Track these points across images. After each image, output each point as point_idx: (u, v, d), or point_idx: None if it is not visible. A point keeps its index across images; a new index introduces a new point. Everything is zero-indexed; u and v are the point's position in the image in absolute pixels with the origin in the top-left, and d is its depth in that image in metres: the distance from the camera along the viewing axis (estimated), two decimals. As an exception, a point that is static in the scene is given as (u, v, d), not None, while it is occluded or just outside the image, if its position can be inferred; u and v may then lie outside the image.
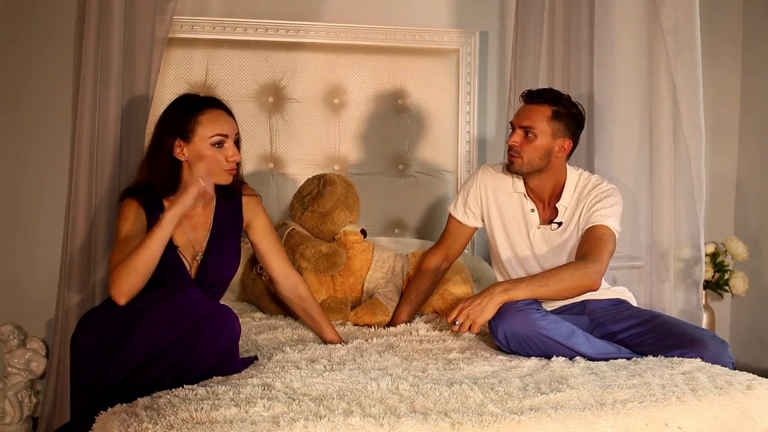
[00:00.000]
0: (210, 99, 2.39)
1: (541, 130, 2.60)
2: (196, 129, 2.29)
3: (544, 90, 2.67)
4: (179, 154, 2.31)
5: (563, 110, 2.62)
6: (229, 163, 2.32)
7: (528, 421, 1.81)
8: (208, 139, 2.29)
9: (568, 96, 2.68)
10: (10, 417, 3.09)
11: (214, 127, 2.30)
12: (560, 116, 2.61)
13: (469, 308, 2.39)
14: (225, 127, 2.32)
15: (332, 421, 1.74)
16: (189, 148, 2.30)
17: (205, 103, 2.35)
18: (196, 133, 2.29)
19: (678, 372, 2.18)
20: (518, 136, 2.62)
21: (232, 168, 2.34)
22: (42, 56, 3.23)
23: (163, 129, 2.33)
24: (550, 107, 2.61)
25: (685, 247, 3.08)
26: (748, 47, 4.00)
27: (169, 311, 2.05)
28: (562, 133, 2.62)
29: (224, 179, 2.34)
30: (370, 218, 3.39)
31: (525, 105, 2.67)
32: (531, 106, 2.64)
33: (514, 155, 2.63)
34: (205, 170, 2.28)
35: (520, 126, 2.63)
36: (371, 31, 3.43)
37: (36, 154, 3.25)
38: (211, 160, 2.29)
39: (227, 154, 2.31)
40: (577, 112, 2.65)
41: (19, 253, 3.27)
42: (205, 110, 2.32)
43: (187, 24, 3.25)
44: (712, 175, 3.97)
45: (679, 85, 2.95)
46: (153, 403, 1.84)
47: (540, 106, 2.62)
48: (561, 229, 2.66)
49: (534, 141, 2.60)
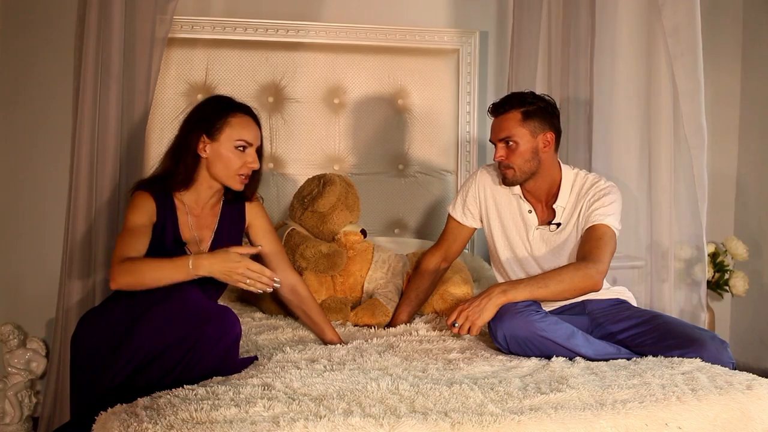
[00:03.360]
0: (243, 105, 2.43)
1: (519, 135, 2.61)
2: (224, 129, 2.34)
3: (506, 97, 2.68)
4: (201, 150, 2.35)
5: (531, 107, 2.62)
6: (246, 168, 2.35)
7: (528, 421, 1.81)
8: (234, 141, 2.33)
9: (531, 92, 2.69)
10: (10, 417, 3.09)
11: (242, 132, 2.34)
12: (531, 114, 2.62)
13: (468, 310, 2.39)
14: (251, 135, 2.36)
15: (332, 421, 1.74)
16: (212, 146, 2.34)
17: (239, 108, 2.39)
18: (223, 133, 2.33)
19: (678, 372, 2.18)
20: (502, 150, 2.63)
21: (247, 175, 2.36)
22: (42, 56, 3.23)
23: (192, 123, 2.38)
24: (518, 110, 2.62)
25: (685, 247, 3.08)
26: (748, 47, 4.00)
27: (171, 312, 2.05)
28: (540, 128, 2.63)
29: (236, 184, 2.37)
30: (370, 218, 3.39)
31: (495, 118, 2.68)
32: (500, 117, 2.65)
33: (505, 169, 2.65)
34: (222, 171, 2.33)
35: (498, 140, 2.64)
36: (371, 31, 3.44)
37: (36, 155, 3.26)
38: (229, 162, 2.33)
39: (246, 160, 2.35)
40: (544, 103, 2.66)
41: (19, 252, 3.27)
42: (237, 114, 2.37)
43: (187, 24, 3.25)
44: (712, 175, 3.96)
45: (681, 87, 2.96)
46: (153, 403, 1.84)
47: (508, 113, 2.63)
48: (559, 229, 2.66)
49: (517, 148, 2.61)
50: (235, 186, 2.37)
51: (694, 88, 2.95)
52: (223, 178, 2.36)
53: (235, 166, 2.34)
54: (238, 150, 2.34)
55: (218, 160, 2.34)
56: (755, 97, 3.98)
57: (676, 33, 2.95)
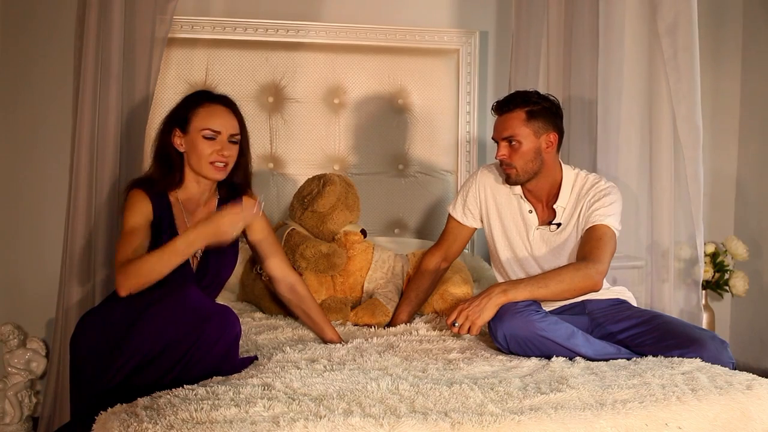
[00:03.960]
0: (216, 95, 2.44)
1: (523, 135, 2.59)
2: (192, 120, 2.37)
3: (511, 96, 2.67)
4: (179, 145, 2.38)
5: (536, 107, 2.61)
6: (217, 156, 2.35)
7: (528, 421, 1.81)
8: (200, 131, 2.35)
9: (536, 91, 2.68)
10: (10, 417, 3.09)
11: (208, 121, 2.36)
12: (535, 114, 2.60)
13: (468, 310, 2.39)
14: (218, 123, 2.37)
15: (332, 421, 1.74)
16: (185, 139, 2.38)
17: (206, 98, 2.42)
18: (192, 124, 2.37)
19: (678, 372, 2.18)
20: (504, 149, 2.62)
21: (221, 162, 2.36)
22: (42, 56, 3.23)
23: (168, 120, 2.42)
24: (523, 110, 2.60)
25: (685, 247, 3.08)
26: (748, 47, 4.00)
27: (171, 310, 2.05)
28: (544, 129, 2.62)
29: (211, 173, 2.37)
30: (370, 218, 3.39)
31: (498, 116, 2.66)
32: (504, 116, 2.63)
33: (507, 168, 2.63)
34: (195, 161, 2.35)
35: (502, 138, 2.63)
36: (371, 31, 3.43)
37: (36, 155, 3.26)
38: (199, 152, 2.35)
39: (216, 149, 2.35)
40: (549, 103, 2.64)
41: (19, 253, 3.27)
42: (206, 104, 2.39)
43: (187, 24, 3.25)
44: (712, 175, 3.97)
45: (674, 87, 2.95)
46: (153, 403, 1.83)
47: (512, 112, 2.61)
48: (560, 229, 2.66)
49: (520, 148, 2.60)
50: (210, 174, 2.37)
51: (689, 88, 2.94)
52: (198, 168, 2.37)
53: (205, 154, 2.35)
54: (206, 140, 2.35)
55: (192, 152, 2.36)
56: (755, 97, 3.98)
57: (671, 33, 2.94)
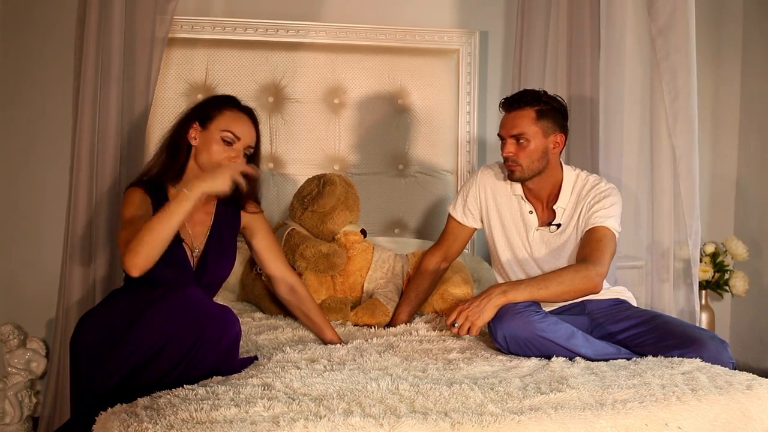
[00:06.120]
0: (241, 104, 2.44)
1: (531, 134, 2.58)
2: (215, 118, 2.36)
3: (521, 93, 2.64)
4: (192, 138, 2.37)
5: (545, 107, 2.60)
6: (229, 162, 2.32)
7: (528, 421, 1.81)
8: (221, 131, 2.34)
9: (545, 91, 2.66)
10: (10, 417, 3.09)
11: (231, 124, 2.36)
12: (545, 114, 2.60)
13: (467, 310, 2.39)
14: (240, 130, 2.36)
15: (332, 421, 1.73)
16: (202, 134, 2.36)
17: (235, 104, 2.42)
18: (214, 122, 2.36)
19: (678, 372, 2.18)
20: (512, 146, 2.61)
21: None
22: (42, 56, 3.23)
23: (189, 113, 2.41)
24: (533, 108, 2.59)
25: (685, 247, 3.08)
26: (748, 47, 4.00)
27: (171, 310, 2.04)
28: (552, 129, 2.61)
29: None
30: (370, 218, 3.39)
31: (507, 113, 2.64)
32: (514, 113, 2.61)
33: (513, 165, 2.62)
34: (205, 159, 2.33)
35: (510, 135, 2.61)
36: (371, 31, 3.43)
37: (36, 155, 3.26)
38: (213, 152, 2.33)
39: (230, 155, 2.34)
40: (558, 104, 2.64)
41: (19, 252, 3.28)
42: (233, 108, 2.40)
43: (187, 24, 3.25)
44: (712, 175, 3.97)
45: (666, 87, 2.95)
46: (153, 403, 1.83)
47: (522, 110, 2.60)
48: (560, 230, 2.66)
49: (528, 146, 2.59)
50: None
51: (683, 87, 2.94)
52: (205, 167, 2.33)
53: (218, 156, 2.33)
54: (224, 142, 2.34)
55: (204, 149, 2.35)
56: (755, 97, 3.98)
57: (665, 34, 2.94)
